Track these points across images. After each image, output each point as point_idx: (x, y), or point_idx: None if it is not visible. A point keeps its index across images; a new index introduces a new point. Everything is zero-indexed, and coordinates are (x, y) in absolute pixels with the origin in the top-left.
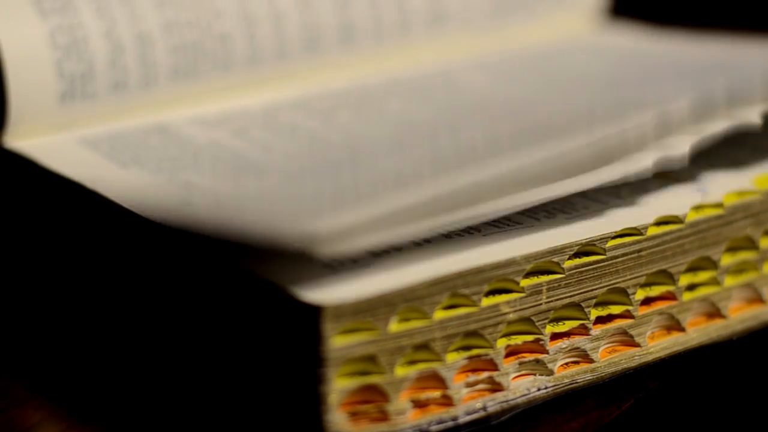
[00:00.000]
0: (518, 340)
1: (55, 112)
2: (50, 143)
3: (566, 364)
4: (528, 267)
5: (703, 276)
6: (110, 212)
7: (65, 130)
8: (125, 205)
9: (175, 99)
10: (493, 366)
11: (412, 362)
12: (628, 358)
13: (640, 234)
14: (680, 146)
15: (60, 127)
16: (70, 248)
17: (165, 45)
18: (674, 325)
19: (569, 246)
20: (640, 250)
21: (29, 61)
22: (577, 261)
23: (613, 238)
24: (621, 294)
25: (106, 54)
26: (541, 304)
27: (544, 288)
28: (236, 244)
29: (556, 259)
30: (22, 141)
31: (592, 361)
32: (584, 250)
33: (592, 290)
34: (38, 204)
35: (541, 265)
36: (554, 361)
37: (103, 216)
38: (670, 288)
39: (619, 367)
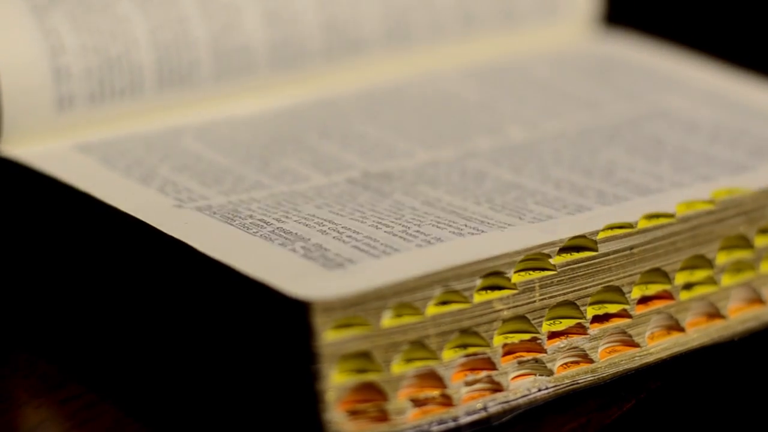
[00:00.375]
0: (515, 338)
1: (51, 120)
2: (46, 150)
3: (566, 364)
4: (518, 260)
5: (699, 275)
6: (107, 217)
7: (61, 137)
8: (122, 209)
9: (171, 106)
10: (491, 365)
11: (410, 360)
12: (628, 358)
13: (631, 227)
14: None
15: (56, 134)
16: (68, 253)
17: (159, 53)
18: (674, 325)
19: (559, 240)
20: (631, 247)
21: (24, 68)
22: (568, 257)
23: (604, 231)
24: (617, 293)
25: (101, 61)
26: (534, 301)
27: (537, 285)
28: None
29: (546, 251)
30: (19, 148)
31: (591, 361)
32: (574, 244)
33: (586, 288)
34: (36, 211)
35: (533, 263)
36: (553, 360)
37: (100, 221)
38: (667, 287)
39: (620, 368)
